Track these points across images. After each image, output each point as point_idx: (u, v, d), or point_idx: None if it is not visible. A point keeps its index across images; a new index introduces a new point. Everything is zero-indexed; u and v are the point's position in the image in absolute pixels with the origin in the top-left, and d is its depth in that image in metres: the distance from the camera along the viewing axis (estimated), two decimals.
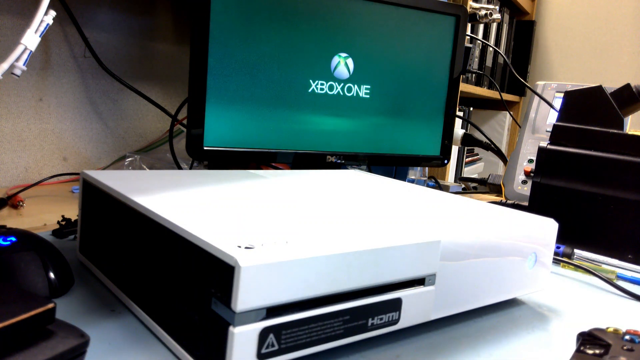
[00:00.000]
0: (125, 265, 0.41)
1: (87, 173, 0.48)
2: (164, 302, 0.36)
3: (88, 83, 0.90)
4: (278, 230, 0.36)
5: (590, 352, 0.37)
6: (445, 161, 0.94)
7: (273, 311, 0.31)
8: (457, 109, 1.50)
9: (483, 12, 1.12)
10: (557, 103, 1.05)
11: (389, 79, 0.86)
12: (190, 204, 0.41)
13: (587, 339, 0.39)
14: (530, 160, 1.05)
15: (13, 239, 0.42)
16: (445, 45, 0.90)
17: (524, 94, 2.13)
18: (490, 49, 1.83)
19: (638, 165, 0.67)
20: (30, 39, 0.59)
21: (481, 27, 1.81)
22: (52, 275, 0.42)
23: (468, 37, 1.06)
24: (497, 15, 1.13)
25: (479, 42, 1.74)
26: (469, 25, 1.31)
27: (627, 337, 0.38)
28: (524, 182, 1.04)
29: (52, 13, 0.61)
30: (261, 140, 0.77)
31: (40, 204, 0.73)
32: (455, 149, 1.58)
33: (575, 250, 0.70)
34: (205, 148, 0.72)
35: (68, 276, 0.44)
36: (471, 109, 1.79)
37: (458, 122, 1.38)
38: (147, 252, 0.38)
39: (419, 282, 0.39)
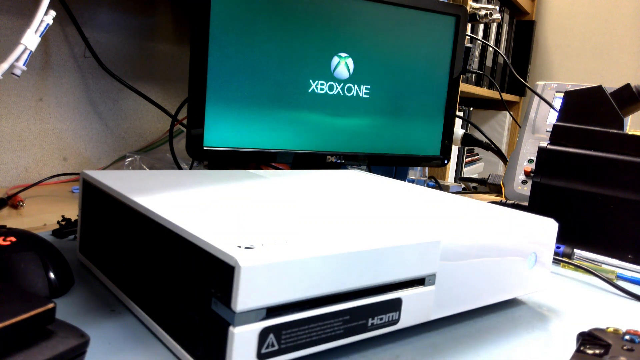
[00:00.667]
0: (125, 265, 0.41)
1: (87, 173, 0.48)
2: (164, 302, 0.36)
3: (88, 83, 0.90)
4: (278, 230, 0.36)
5: (590, 352, 0.37)
6: (445, 161, 0.94)
7: (273, 311, 0.31)
8: (457, 109, 1.50)
9: (483, 12, 1.12)
10: (557, 103, 1.05)
11: (389, 79, 0.86)
12: (190, 204, 0.41)
13: (587, 339, 0.39)
14: (530, 160, 1.05)
15: (13, 239, 0.42)
16: (445, 45, 0.90)
17: (524, 94, 2.13)
18: (490, 49, 1.83)
19: (638, 165, 0.67)
20: (30, 39, 0.59)
21: (481, 27, 1.81)
22: (52, 275, 0.42)
23: (468, 37, 1.06)
24: (497, 15, 1.13)
25: (479, 42, 1.74)
26: (469, 25, 1.31)
27: (627, 337, 0.38)
28: (524, 182, 1.04)
29: (52, 13, 0.61)
30: (261, 140, 0.77)
31: (40, 204, 0.73)
32: (455, 149, 1.58)
33: (575, 250, 0.70)
34: (205, 148, 0.72)
35: (68, 276, 0.44)
36: (471, 109, 1.79)
37: (458, 122, 1.38)
38: (147, 252, 0.38)
39: (419, 282, 0.39)
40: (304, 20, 0.77)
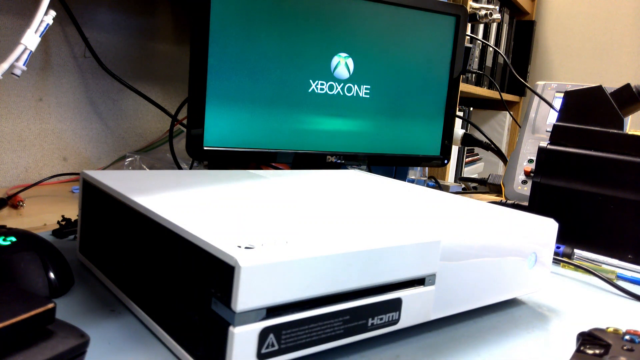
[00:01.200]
0: (125, 265, 0.41)
1: (87, 173, 0.48)
2: (164, 302, 0.36)
3: (88, 83, 0.90)
4: (278, 230, 0.36)
5: (590, 352, 0.37)
6: (445, 161, 0.94)
7: (273, 311, 0.31)
8: (457, 109, 1.50)
9: (483, 12, 1.12)
10: (557, 103, 1.05)
11: (389, 79, 0.86)
12: (190, 204, 0.41)
13: (587, 339, 0.39)
14: (530, 160, 1.05)
15: (13, 239, 0.42)
16: (445, 45, 0.90)
17: (524, 94, 2.13)
18: (490, 49, 1.83)
19: (638, 165, 0.67)
20: (30, 39, 0.59)
21: (481, 27, 1.81)
22: (52, 275, 0.42)
23: (468, 37, 1.06)
24: (497, 15, 1.13)
25: (479, 42, 1.74)
26: (469, 25, 1.31)
27: (627, 337, 0.38)
28: (524, 182, 1.04)
29: (52, 13, 0.61)
30: (261, 140, 0.77)
31: (40, 204, 0.73)
32: (455, 149, 1.58)
33: (575, 250, 0.70)
34: (205, 148, 0.72)
35: (68, 276, 0.44)
36: (471, 109, 1.79)
37: (458, 122, 1.38)
38: (147, 252, 0.38)
39: (419, 282, 0.39)
40: (304, 20, 0.77)
